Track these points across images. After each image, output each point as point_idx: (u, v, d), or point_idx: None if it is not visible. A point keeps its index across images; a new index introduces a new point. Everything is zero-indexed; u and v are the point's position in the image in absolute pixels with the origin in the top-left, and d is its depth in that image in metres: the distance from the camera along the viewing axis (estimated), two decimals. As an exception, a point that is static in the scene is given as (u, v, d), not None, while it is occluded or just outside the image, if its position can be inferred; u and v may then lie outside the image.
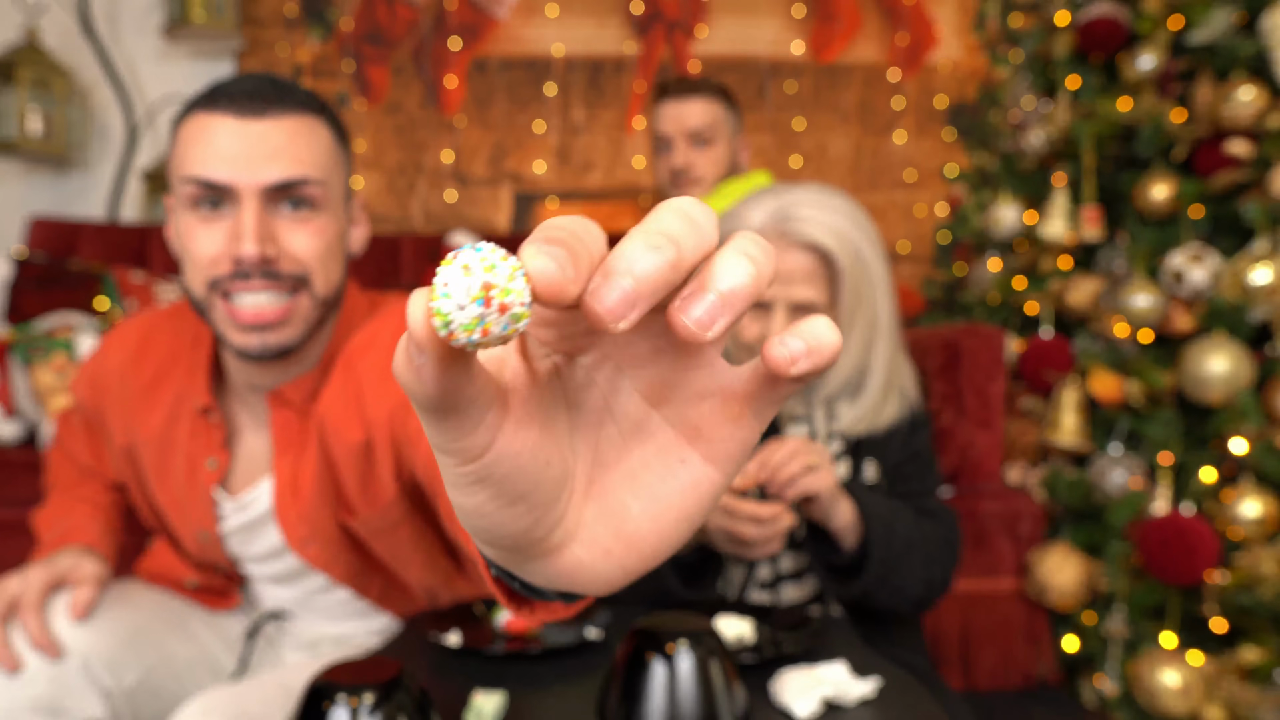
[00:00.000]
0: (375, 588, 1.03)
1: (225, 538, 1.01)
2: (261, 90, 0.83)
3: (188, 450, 0.97)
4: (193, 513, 0.99)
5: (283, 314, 0.85)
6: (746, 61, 2.90)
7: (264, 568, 1.04)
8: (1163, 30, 2.12)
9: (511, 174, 2.87)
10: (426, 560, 1.01)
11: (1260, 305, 1.81)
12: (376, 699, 0.63)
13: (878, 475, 1.20)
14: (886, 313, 1.16)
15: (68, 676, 0.90)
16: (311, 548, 0.96)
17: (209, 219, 0.84)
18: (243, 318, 0.83)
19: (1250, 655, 1.57)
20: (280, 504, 0.94)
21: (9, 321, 1.90)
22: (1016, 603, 1.74)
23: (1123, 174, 2.10)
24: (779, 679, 0.80)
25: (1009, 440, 1.99)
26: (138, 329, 1.03)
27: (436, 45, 2.85)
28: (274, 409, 0.93)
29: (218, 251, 0.83)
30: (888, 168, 2.94)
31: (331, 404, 0.91)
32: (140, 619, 1.00)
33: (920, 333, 1.95)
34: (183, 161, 0.84)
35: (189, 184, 0.83)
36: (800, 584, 1.17)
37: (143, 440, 1.00)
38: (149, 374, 0.99)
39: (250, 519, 0.98)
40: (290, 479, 0.93)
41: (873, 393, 1.17)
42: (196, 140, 0.83)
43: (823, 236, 1.09)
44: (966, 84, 2.95)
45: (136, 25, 2.76)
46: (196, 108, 0.84)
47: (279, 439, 0.93)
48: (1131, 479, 1.79)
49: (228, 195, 0.83)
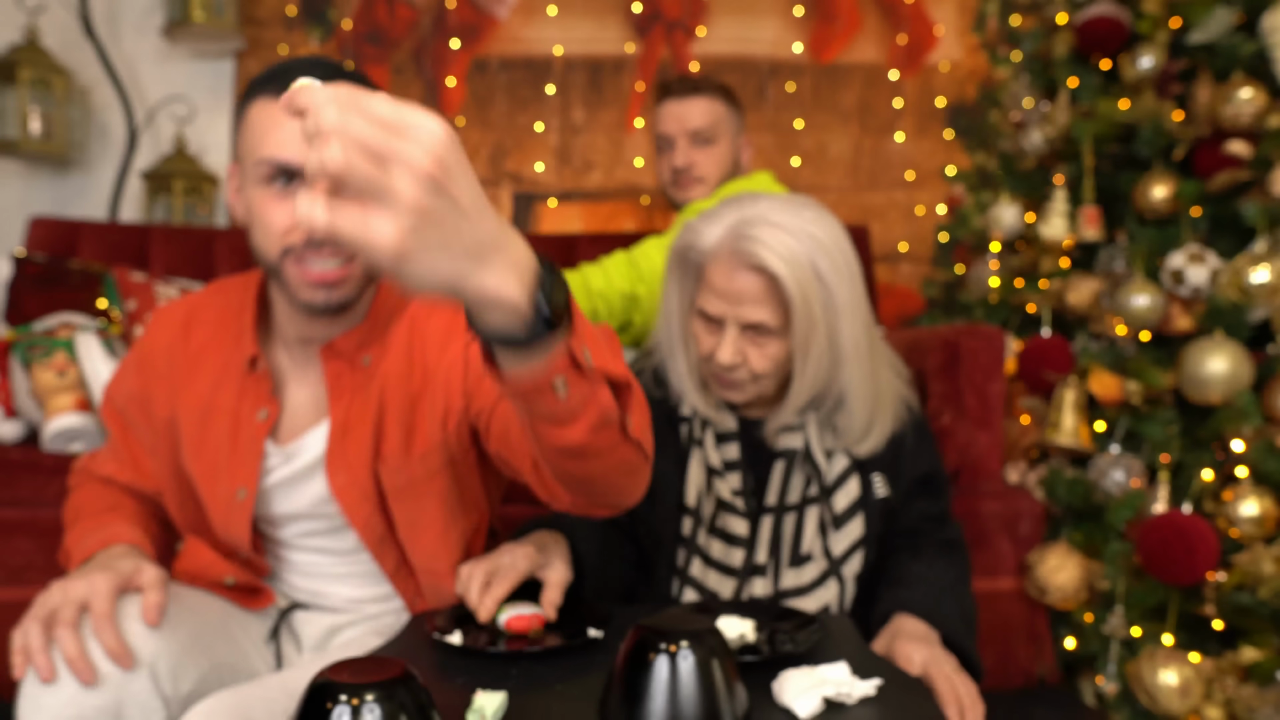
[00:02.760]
0: (391, 559, 1.07)
1: (266, 493, 1.05)
2: (325, 77, 0.91)
3: (234, 409, 1.04)
4: (237, 470, 1.04)
5: (343, 275, 0.96)
6: (746, 61, 2.91)
7: (295, 527, 1.08)
8: (1163, 30, 2.12)
9: (511, 174, 2.88)
10: (440, 533, 1.06)
11: (1260, 305, 1.81)
12: (378, 698, 0.63)
13: (886, 488, 1.19)
14: (854, 336, 1.11)
15: (135, 685, 0.88)
16: (350, 493, 1.03)
17: (282, 194, 0.93)
18: (312, 278, 0.95)
19: (1250, 655, 1.57)
20: (332, 447, 1.02)
21: (9, 321, 1.90)
22: (1016, 602, 1.74)
23: (1122, 174, 2.10)
24: (780, 679, 0.81)
25: (1009, 440, 1.99)
26: (182, 308, 1.12)
27: (436, 45, 2.85)
28: (326, 361, 1.03)
29: (291, 223, 0.93)
30: (888, 168, 2.94)
31: (396, 357, 1.03)
32: (196, 624, 0.99)
33: (920, 333, 1.96)
34: (259, 144, 0.93)
35: (264, 165, 0.92)
36: (803, 600, 1.16)
37: (185, 409, 1.06)
38: (195, 346, 1.08)
39: (297, 469, 1.04)
40: (342, 424, 1.03)
41: (858, 415, 1.15)
42: (269, 125, 0.92)
43: (772, 261, 1.05)
44: (966, 84, 2.95)
45: (136, 25, 2.76)
46: (264, 93, 0.93)
47: (333, 387, 1.03)
48: (1131, 479, 1.80)
49: (299, 174, 0.92)
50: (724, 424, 1.20)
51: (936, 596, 1.14)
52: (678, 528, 1.18)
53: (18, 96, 2.46)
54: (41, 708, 0.85)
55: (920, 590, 1.15)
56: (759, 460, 1.20)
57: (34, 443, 1.78)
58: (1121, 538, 1.72)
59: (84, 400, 1.71)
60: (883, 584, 1.20)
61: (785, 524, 1.17)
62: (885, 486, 1.18)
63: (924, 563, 1.20)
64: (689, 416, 1.21)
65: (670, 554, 1.18)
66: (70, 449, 1.69)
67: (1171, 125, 2.01)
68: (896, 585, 1.17)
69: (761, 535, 1.16)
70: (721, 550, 1.17)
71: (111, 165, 2.71)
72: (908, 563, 1.20)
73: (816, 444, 1.17)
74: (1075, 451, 1.87)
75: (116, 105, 2.67)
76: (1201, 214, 1.96)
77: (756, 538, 1.17)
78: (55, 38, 2.62)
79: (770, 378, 1.14)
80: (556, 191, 2.88)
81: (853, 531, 1.16)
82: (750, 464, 1.19)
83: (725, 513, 1.17)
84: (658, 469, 1.17)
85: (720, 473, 1.18)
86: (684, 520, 1.18)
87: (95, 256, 2.19)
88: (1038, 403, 2.01)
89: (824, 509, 1.17)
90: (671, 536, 1.18)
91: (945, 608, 1.13)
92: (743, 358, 1.11)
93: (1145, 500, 1.73)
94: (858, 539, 1.16)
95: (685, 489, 1.18)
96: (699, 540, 1.17)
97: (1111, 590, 1.68)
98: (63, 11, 2.62)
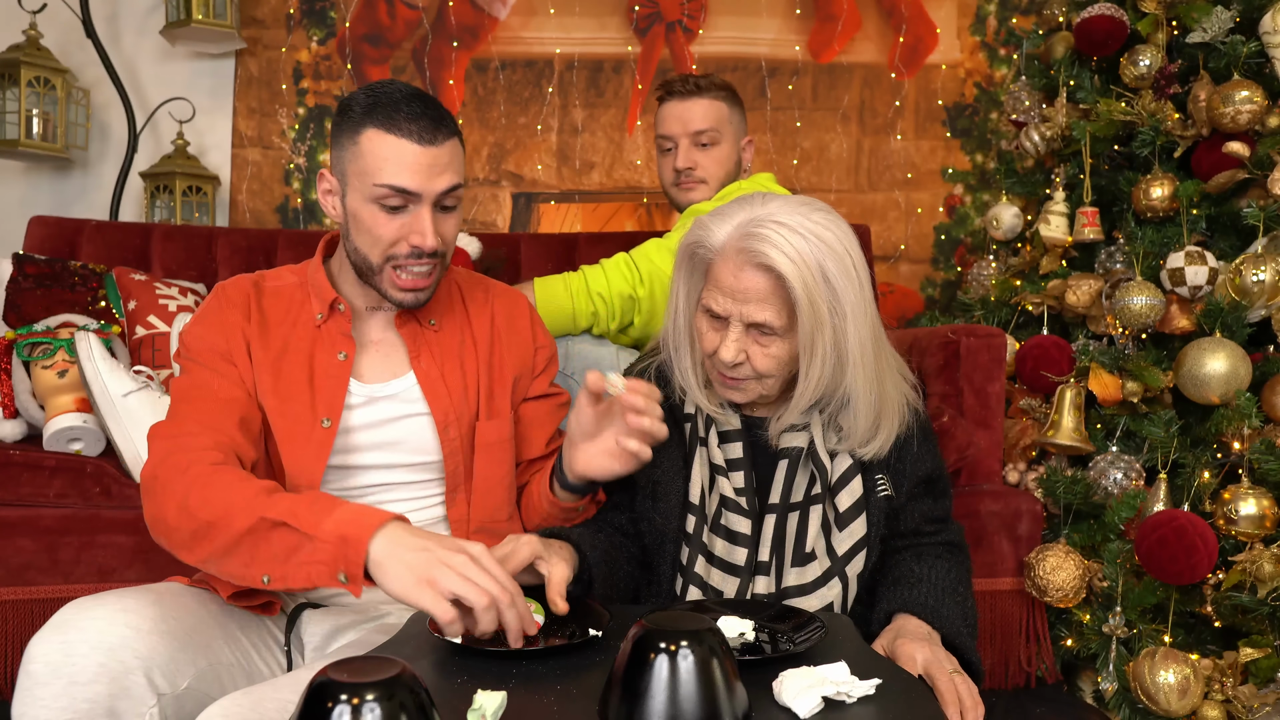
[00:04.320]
0: (458, 509, 1.21)
1: (349, 431, 1.16)
2: (430, 117, 1.11)
3: (309, 354, 1.17)
4: (319, 402, 1.15)
5: (429, 281, 1.16)
6: (746, 61, 2.91)
7: (367, 476, 1.18)
8: (1162, 30, 2.12)
9: (511, 174, 2.88)
10: (506, 493, 1.25)
11: (1259, 305, 1.81)
12: (378, 698, 0.63)
13: (890, 488, 1.19)
14: (860, 339, 1.10)
15: (128, 680, 0.90)
16: (451, 430, 1.19)
17: (393, 213, 1.12)
18: (404, 284, 1.14)
19: (1248, 654, 1.57)
20: (428, 390, 1.19)
21: (9, 322, 1.90)
22: (1016, 602, 1.75)
23: (1122, 174, 2.10)
24: (780, 679, 0.81)
25: (1008, 440, 1.99)
26: (249, 276, 1.23)
27: (436, 45, 2.86)
28: (400, 325, 1.21)
29: (398, 236, 1.12)
30: (888, 168, 2.94)
31: (458, 323, 1.26)
32: (193, 622, 1.00)
33: (920, 333, 1.96)
34: (376, 169, 1.10)
35: (383, 188, 1.10)
36: (807, 599, 1.16)
37: (261, 355, 1.16)
38: (267, 304, 1.20)
39: (386, 410, 1.18)
40: (427, 374, 1.20)
41: (863, 418, 1.15)
42: (388, 157, 1.09)
43: (779, 260, 1.05)
44: (966, 84, 2.96)
45: (136, 25, 2.76)
46: (381, 125, 1.09)
47: (412, 345, 1.21)
48: (1130, 479, 1.80)
49: (411, 198, 1.11)
50: (728, 422, 1.20)
51: (938, 597, 1.15)
52: (682, 524, 1.19)
53: (18, 96, 2.46)
54: (37, 701, 0.87)
55: (922, 591, 1.16)
56: (763, 459, 1.20)
57: (34, 442, 1.78)
58: (1120, 537, 1.73)
59: (84, 400, 1.71)
60: (884, 585, 1.20)
61: (788, 523, 1.17)
62: (888, 486, 1.19)
63: (925, 564, 1.20)
64: (693, 414, 1.22)
65: (674, 551, 1.19)
66: (70, 449, 1.70)
67: (1171, 125, 2.01)
68: (898, 586, 1.18)
69: (764, 534, 1.17)
70: (724, 548, 1.17)
71: (111, 165, 2.71)
72: (909, 564, 1.21)
73: (821, 443, 1.17)
74: (1074, 451, 1.87)
75: (116, 105, 2.67)
76: (1201, 214, 1.96)
77: (759, 536, 1.17)
78: (55, 38, 2.62)
79: (773, 378, 1.14)
80: (556, 191, 2.88)
81: (856, 531, 1.16)
82: (754, 462, 1.20)
83: (728, 511, 1.18)
84: (661, 466, 1.19)
85: (724, 471, 1.19)
86: (688, 517, 1.18)
87: (95, 256, 2.19)
88: (1037, 403, 2.01)
89: (827, 508, 1.17)
90: (675, 533, 1.19)
91: (946, 609, 1.14)
92: (745, 357, 1.11)
93: (1144, 500, 1.73)
94: (861, 539, 1.16)
95: (689, 486, 1.19)
96: (703, 537, 1.18)
97: (1110, 590, 1.69)
98: (63, 11, 2.62)
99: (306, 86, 2.83)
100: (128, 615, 0.93)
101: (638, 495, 1.22)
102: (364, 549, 0.88)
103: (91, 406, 1.69)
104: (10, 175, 2.72)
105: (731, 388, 1.15)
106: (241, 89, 2.82)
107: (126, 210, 2.70)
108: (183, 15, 2.57)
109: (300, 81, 2.83)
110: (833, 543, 1.16)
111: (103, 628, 0.91)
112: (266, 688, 0.92)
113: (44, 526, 1.59)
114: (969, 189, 2.93)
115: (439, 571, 0.86)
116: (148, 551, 1.59)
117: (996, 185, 2.45)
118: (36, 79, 2.48)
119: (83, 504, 1.64)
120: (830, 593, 1.15)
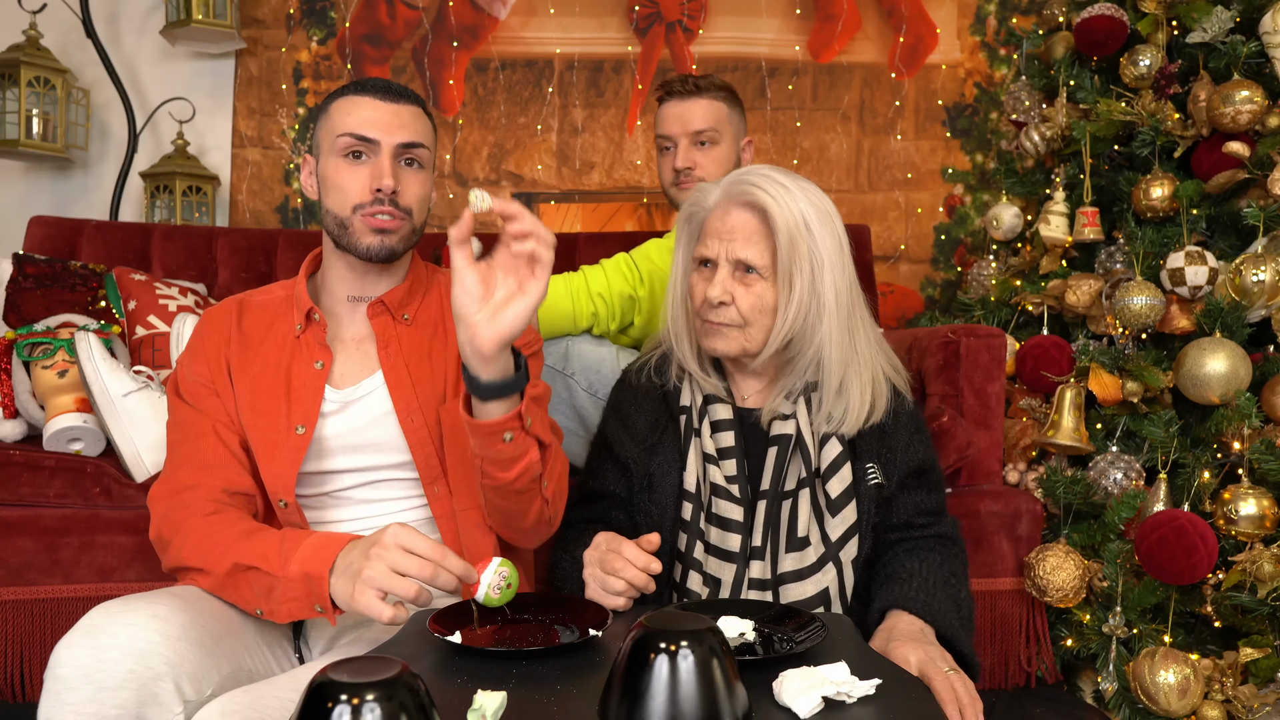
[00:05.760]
0: (442, 501, 1.20)
1: (323, 439, 1.18)
2: (396, 89, 1.19)
3: (287, 366, 1.20)
4: (295, 411, 1.17)
5: (396, 225, 1.17)
6: (746, 61, 2.91)
7: (345, 479, 1.19)
8: (1162, 30, 2.12)
9: (511, 174, 2.88)
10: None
11: (1259, 305, 1.81)
12: (378, 698, 0.63)
13: (880, 475, 1.21)
14: (836, 289, 1.17)
15: (157, 687, 0.90)
16: (415, 419, 1.19)
17: (355, 164, 1.16)
18: (372, 224, 1.16)
19: (1248, 654, 1.57)
20: (391, 381, 1.19)
21: (9, 322, 1.90)
22: (1016, 602, 1.75)
23: (1122, 174, 2.10)
24: (780, 679, 0.81)
25: (1008, 440, 1.99)
26: (234, 300, 1.27)
27: (436, 45, 2.86)
28: (373, 317, 1.22)
29: (361, 185, 1.16)
30: (888, 168, 2.94)
31: (431, 317, 1.26)
32: (219, 629, 1.01)
33: (920, 333, 1.96)
34: (340, 123, 1.16)
35: (345, 136, 1.15)
36: (802, 584, 1.17)
37: (241, 376, 1.19)
38: (248, 326, 1.23)
39: (357, 412, 1.19)
40: (393, 366, 1.20)
41: (833, 374, 1.20)
42: (351, 110, 1.16)
43: (764, 198, 1.15)
44: (966, 84, 2.96)
45: (136, 25, 2.76)
46: (347, 92, 1.18)
47: (380, 336, 1.21)
48: (1130, 479, 1.80)
49: (371, 148, 1.16)
50: (720, 412, 1.24)
51: (929, 591, 1.16)
52: (678, 512, 1.23)
53: (18, 96, 2.46)
54: (65, 706, 0.87)
55: (913, 585, 1.17)
56: (754, 448, 1.23)
57: (34, 443, 1.78)
58: (1120, 537, 1.73)
59: (84, 400, 1.71)
60: (876, 581, 1.22)
61: (781, 509, 1.20)
62: (879, 475, 1.21)
63: (917, 559, 1.22)
64: (688, 406, 1.26)
65: (672, 538, 1.23)
66: (70, 449, 1.70)
67: (1170, 126, 2.01)
68: (890, 581, 1.19)
69: (757, 520, 1.20)
70: (718, 535, 1.20)
71: (111, 165, 2.71)
72: (901, 559, 1.23)
73: (807, 429, 1.21)
74: (1074, 451, 1.87)
75: (116, 105, 2.67)
76: (1201, 214, 1.96)
77: (752, 522, 1.20)
78: (55, 38, 2.62)
79: (754, 327, 1.19)
80: (556, 191, 2.88)
81: (847, 517, 1.19)
82: (746, 451, 1.23)
83: (720, 498, 1.21)
84: (656, 459, 1.24)
85: (716, 459, 1.22)
86: (684, 505, 1.22)
87: (95, 256, 2.19)
88: (1037, 403, 2.01)
89: (818, 494, 1.20)
90: (671, 521, 1.22)
91: (938, 602, 1.15)
92: (730, 297, 1.17)
93: (1144, 500, 1.74)
94: (852, 524, 1.19)
95: (684, 476, 1.23)
96: (700, 524, 1.21)
97: (1110, 590, 1.69)
98: (63, 11, 2.62)
99: (306, 86, 2.83)
100: (158, 622, 0.93)
101: (634, 489, 1.26)
102: (325, 584, 0.96)
103: (91, 407, 1.69)
104: (10, 175, 2.72)
105: (715, 333, 1.20)
106: (241, 89, 2.82)
107: (126, 210, 2.70)
108: (183, 15, 2.57)
109: (300, 81, 2.83)
110: (826, 529, 1.19)
111: (134, 634, 0.90)
112: (265, 685, 0.92)
113: (44, 526, 1.59)
114: (969, 189, 2.93)
115: (367, 574, 0.91)
116: (148, 551, 1.59)
117: (996, 185, 2.45)
118: (36, 79, 2.48)
119: (83, 504, 1.64)
120: (826, 578, 1.17)
